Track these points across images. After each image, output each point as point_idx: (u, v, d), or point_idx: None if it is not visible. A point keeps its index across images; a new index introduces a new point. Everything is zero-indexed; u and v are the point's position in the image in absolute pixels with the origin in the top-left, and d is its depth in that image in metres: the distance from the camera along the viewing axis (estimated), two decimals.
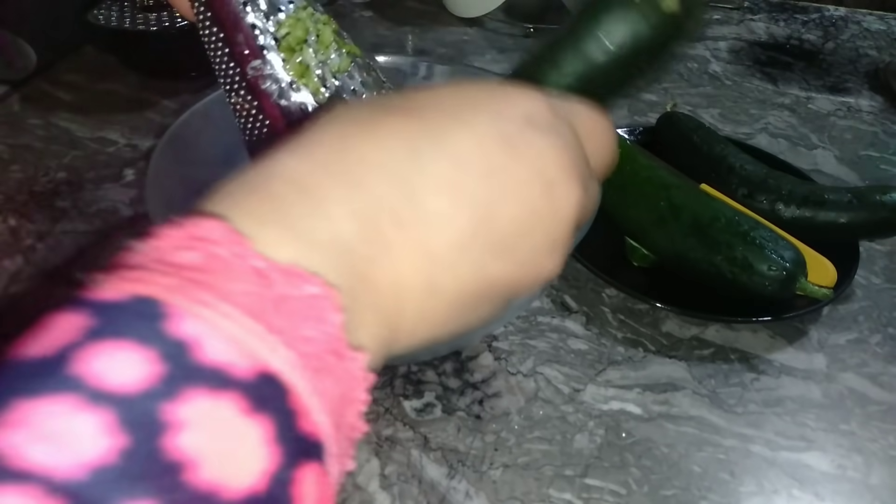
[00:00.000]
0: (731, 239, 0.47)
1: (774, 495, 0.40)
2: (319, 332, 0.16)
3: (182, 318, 0.14)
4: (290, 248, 0.16)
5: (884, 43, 0.87)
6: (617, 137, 0.25)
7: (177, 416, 0.13)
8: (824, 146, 0.68)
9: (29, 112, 0.67)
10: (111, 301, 0.14)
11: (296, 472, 0.14)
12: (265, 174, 0.18)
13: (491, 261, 0.20)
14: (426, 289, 0.19)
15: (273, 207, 0.17)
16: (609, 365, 0.46)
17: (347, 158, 0.18)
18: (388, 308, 0.18)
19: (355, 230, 0.17)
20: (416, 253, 0.19)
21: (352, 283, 0.17)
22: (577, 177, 0.21)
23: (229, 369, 0.14)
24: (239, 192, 0.17)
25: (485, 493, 0.39)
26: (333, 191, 0.18)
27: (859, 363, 0.47)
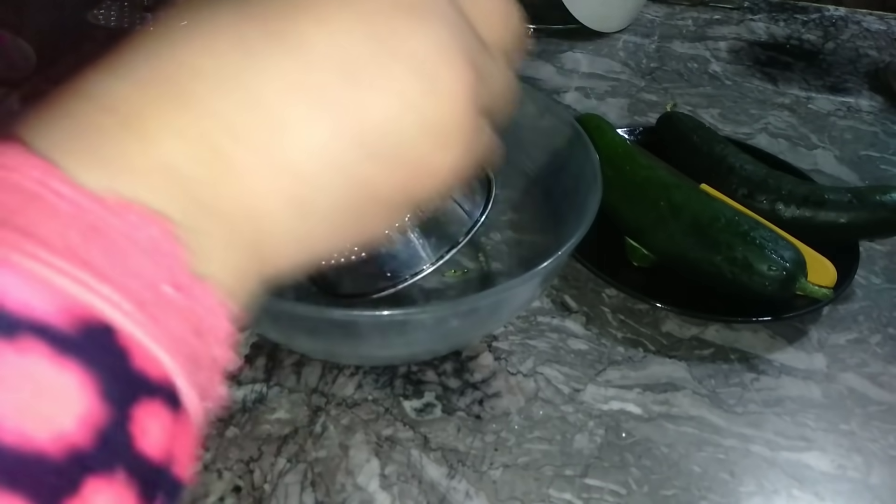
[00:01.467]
0: (731, 239, 0.47)
1: (774, 495, 0.40)
2: (150, 262, 0.14)
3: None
4: (105, 175, 0.14)
5: (884, 43, 0.87)
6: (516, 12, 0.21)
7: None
8: (824, 146, 0.68)
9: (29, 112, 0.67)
10: None
11: (130, 409, 0.13)
12: (71, 95, 0.15)
13: (366, 164, 0.17)
14: (290, 206, 0.17)
15: (81, 132, 0.15)
16: (609, 365, 0.46)
17: (167, 68, 0.16)
18: (246, 235, 0.16)
19: (185, 152, 0.15)
20: (270, 170, 0.16)
21: (190, 212, 0.15)
22: (460, 56, 0.18)
23: (27, 311, 0.12)
24: (45, 121, 0.15)
25: (485, 493, 0.39)
26: (154, 109, 0.15)
27: (859, 363, 0.47)
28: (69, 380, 0.13)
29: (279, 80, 0.16)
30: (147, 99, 0.15)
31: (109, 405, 0.13)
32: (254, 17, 0.17)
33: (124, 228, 0.14)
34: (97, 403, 0.13)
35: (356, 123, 0.17)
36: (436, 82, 0.18)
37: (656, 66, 0.80)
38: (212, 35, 0.16)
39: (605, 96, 0.74)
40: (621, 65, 0.80)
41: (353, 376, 0.44)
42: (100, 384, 0.13)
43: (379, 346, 0.39)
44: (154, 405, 0.14)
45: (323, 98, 0.16)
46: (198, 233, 0.15)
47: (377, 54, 0.17)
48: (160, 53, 0.16)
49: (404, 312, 0.36)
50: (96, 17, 0.65)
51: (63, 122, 0.15)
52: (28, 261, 0.13)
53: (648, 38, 0.85)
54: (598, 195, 0.41)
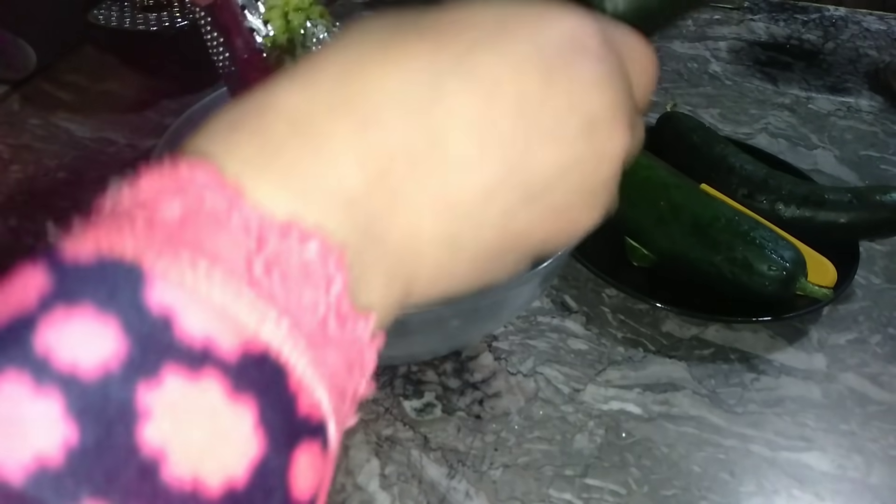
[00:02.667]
0: (731, 239, 0.47)
1: (774, 495, 0.40)
2: (321, 297, 0.14)
3: (155, 282, 0.12)
4: (287, 198, 0.14)
5: (884, 43, 0.87)
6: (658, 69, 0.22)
7: (143, 403, 0.11)
8: (824, 146, 0.68)
9: (29, 112, 0.67)
10: (74, 259, 0.12)
11: (291, 454, 0.13)
12: (258, 108, 0.15)
13: (521, 211, 0.17)
14: (446, 243, 0.17)
15: (266, 150, 0.14)
16: (609, 365, 0.46)
17: (356, 89, 0.15)
18: (402, 265, 0.16)
19: (363, 177, 0.15)
20: (436, 203, 0.16)
21: (358, 239, 0.15)
22: (623, 115, 0.18)
23: (210, 346, 0.12)
24: (228, 129, 0.15)
25: (485, 493, 0.39)
26: (338, 129, 0.15)
27: (859, 363, 0.47)
28: (244, 420, 0.12)
29: (461, 116, 0.16)
30: (333, 118, 0.15)
31: (277, 449, 0.12)
32: (448, 46, 0.16)
33: (303, 258, 0.13)
34: (267, 446, 0.12)
35: (524, 170, 0.17)
36: (601, 144, 0.18)
37: None
38: (405, 60, 0.16)
39: None
40: None
41: None
42: (271, 428, 0.12)
43: None
44: (312, 448, 0.13)
45: (498, 140, 0.16)
46: (363, 263, 0.15)
47: (555, 107, 0.17)
48: (351, 71, 0.16)
49: (404, 313, 0.36)
50: (96, 17, 0.65)
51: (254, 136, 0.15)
52: (216, 290, 0.12)
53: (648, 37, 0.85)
54: None
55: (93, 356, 0.11)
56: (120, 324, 0.11)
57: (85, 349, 0.11)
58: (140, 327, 0.12)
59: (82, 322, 0.11)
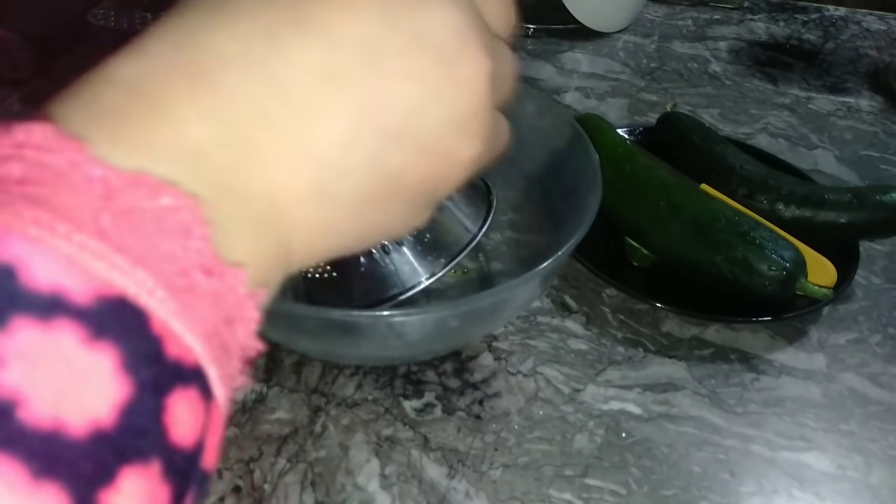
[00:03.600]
0: (731, 239, 0.47)
1: (774, 495, 0.40)
2: (180, 247, 0.14)
3: (5, 238, 0.12)
4: (134, 157, 0.14)
5: (884, 43, 0.87)
6: None
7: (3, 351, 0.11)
8: (824, 146, 0.68)
9: (29, 112, 0.67)
10: None
11: (164, 398, 0.13)
12: (98, 82, 0.15)
13: (388, 152, 0.17)
14: (315, 194, 0.17)
15: (110, 116, 0.14)
16: (609, 365, 0.46)
17: (191, 52, 0.16)
18: (270, 220, 0.16)
19: (211, 134, 0.15)
20: (294, 154, 0.16)
21: (216, 195, 0.15)
22: (475, 40, 0.18)
23: (59, 294, 0.12)
24: (69, 104, 0.15)
25: (485, 493, 0.39)
26: (176, 92, 0.15)
27: (859, 363, 0.47)
28: (103, 364, 0.12)
29: (304, 67, 0.16)
30: (174, 82, 0.15)
31: (144, 392, 0.13)
32: (277, 3, 0.16)
33: (156, 210, 0.14)
34: (131, 390, 0.12)
35: (380, 110, 0.17)
36: (457, 70, 0.18)
37: (656, 66, 0.80)
38: (237, 20, 0.16)
39: (605, 96, 0.74)
40: (621, 65, 0.80)
41: (353, 376, 0.44)
42: (134, 370, 0.12)
43: (379, 347, 0.39)
44: (187, 394, 0.13)
45: (347, 85, 0.16)
46: (225, 219, 0.15)
47: (400, 43, 0.17)
48: (186, 38, 0.16)
49: (404, 313, 0.36)
50: (96, 17, 0.65)
51: (91, 106, 0.15)
52: (62, 242, 0.12)
53: (648, 38, 0.85)
54: (598, 195, 0.41)
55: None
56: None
57: None
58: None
59: None
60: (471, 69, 0.18)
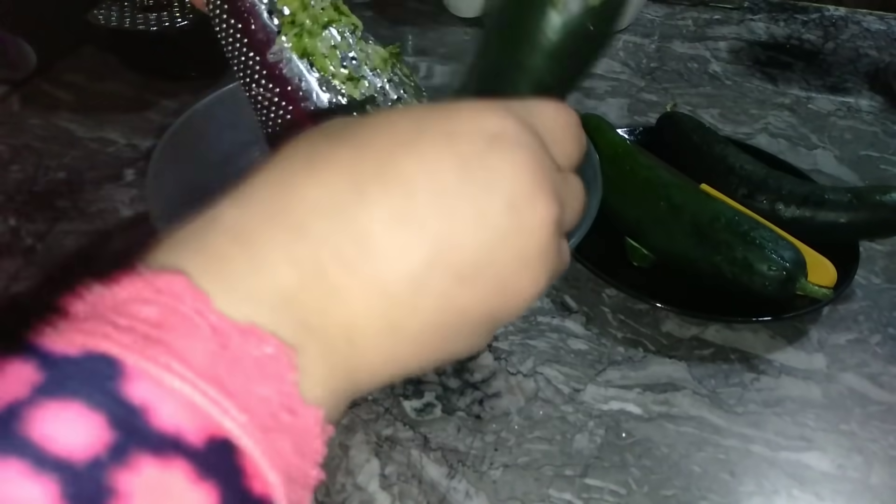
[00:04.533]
0: (731, 239, 0.47)
1: (774, 495, 0.40)
2: (274, 391, 0.15)
3: (136, 379, 0.14)
4: (243, 305, 0.16)
5: (884, 43, 0.87)
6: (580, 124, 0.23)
7: (124, 486, 0.13)
8: (824, 146, 0.68)
9: (29, 112, 0.67)
10: (63, 355, 0.14)
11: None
12: (203, 224, 0.17)
13: (456, 290, 0.18)
14: (384, 329, 0.18)
15: (218, 263, 0.16)
16: (609, 365, 0.46)
17: (287, 200, 0.17)
18: (343, 354, 0.18)
19: (298, 279, 0.17)
20: (368, 293, 0.17)
21: (302, 338, 0.16)
22: (545, 187, 0.19)
23: (181, 435, 0.14)
24: (187, 245, 0.17)
25: (485, 493, 0.39)
26: (271, 237, 0.17)
27: (859, 363, 0.47)
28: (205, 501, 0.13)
29: (382, 213, 0.17)
30: (270, 229, 0.17)
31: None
32: (368, 155, 0.18)
33: (259, 359, 0.15)
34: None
35: (450, 252, 0.18)
36: (525, 217, 0.19)
37: (656, 66, 0.80)
38: (329, 171, 0.18)
39: (605, 96, 0.74)
40: (621, 65, 0.80)
41: None
42: None
43: None
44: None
45: (420, 228, 0.18)
46: (306, 358, 0.16)
47: (472, 190, 0.18)
48: (281, 185, 0.18)
49: None
50: (96, 17, 0.65)
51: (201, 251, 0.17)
52: (186, 387, 0.14)
53: (648, 38, 0.85)
54: (598, 195, 0.41)
55: (82, 445, 0.13)
56: (104, 416, 0.13)
57: (75, 438, 0.13)
58: (121, 419, 0.13)
59: (72, 413, 0.13)
60: (539, 217, 0.19)
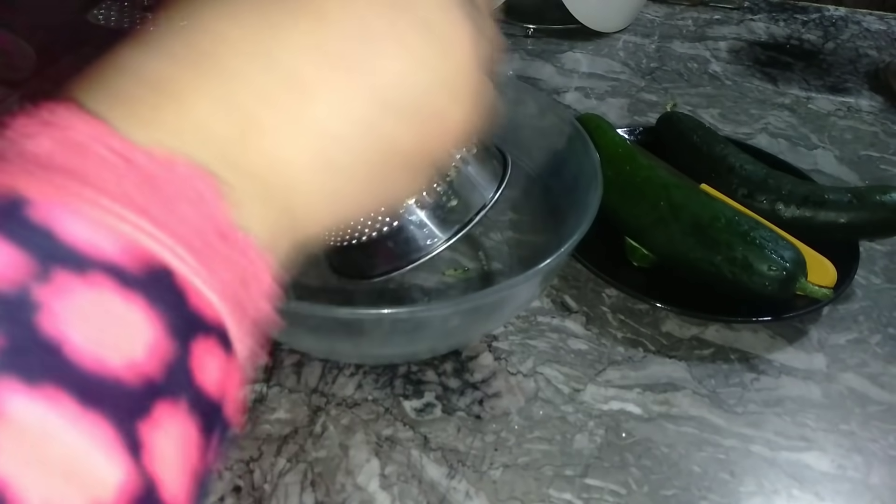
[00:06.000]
0: (731, 239, 0.47)
1: (774, 495, 0.40)
2: (197, 212, 0.15)
3: (38, 205, 0.13)
4: (148, 134, 0.15)
5: (884, 43, 0.87)
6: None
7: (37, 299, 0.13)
8: (824, 146, 0.68)
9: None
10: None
11: (189, 344, 0.14)
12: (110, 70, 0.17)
13: (386, 120, 0.18)
14: (317, 164, 0.18)
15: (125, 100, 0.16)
16: (609, 365, 0.46)
17: (193, 39, 0.17)
18: (278, 193, 0.17)
19: (217, 114, 0.16)
20: (296, 128, 0.17)
21: (223, 169, 0.16)
22: (461, 13, 0.20)
23: (96, 250, 0.13)
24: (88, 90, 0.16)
25: (485, 493, 0.39)
26: (185, 75, 0.16)
27: (859, 363, 0.47)
28: (137, 313, 0.14)
29: (300, 46, 0.17)
30: (180, 67, 0.16)
31: (172, 338, 0.14)
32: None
33: (172, 180, 0.15)
34: (162, 336, 0.14)
35: (374, 82, 0.18)
36: (443, 39, 0.19)
37: (656, 66, 0.80)
38: (237, 7, 0.17)
39: (605, 96, 0.74)
40: (621, 65, 0.80)
41: (353, 376, 0.44)
42: (163, 318, 0.14)
43: (381, 345, 0.39)
44: (210, 343, 0.15)
45: (342, 60, 0.17)
46: (236, 192, 0.16)
47: (389, 19, 0.18)
48: (188, 25, 0.17)
49: (408, 311, 0.36)
50: (96, 17, 0.65)
51: (105, 92, 0.16)
52: (92, 207, 0.14)
53: (648, 38, 0.85)
54: (598, 195, 0.41)
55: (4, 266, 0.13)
56: (11, 240, 0.13)
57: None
58: (28, 240, 0.13)
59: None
60: (454, 34, 0.19)
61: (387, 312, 0.34)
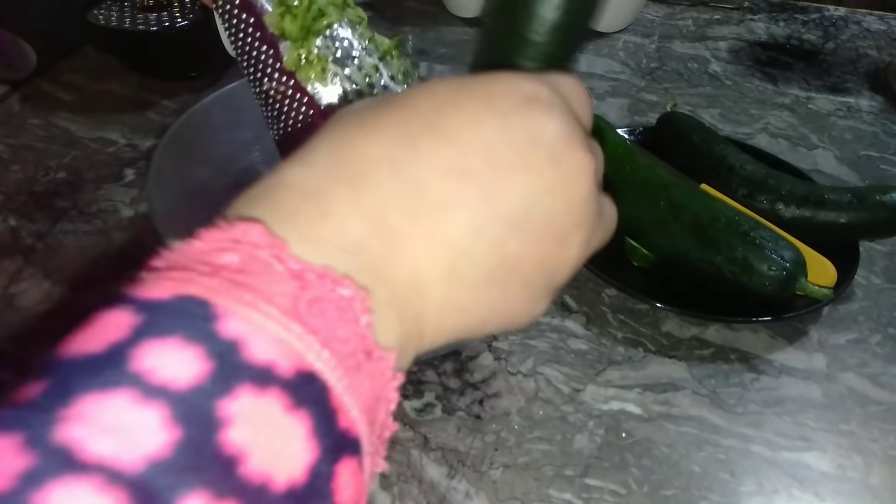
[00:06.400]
0: (731, 239, 0.47)
1: (774, 495, 0.40)
2: (351, 332, 0.16)
3: (227, 317, 0.15)
4: (317, 251, 0.17)
5: (884, 43, 0.87)
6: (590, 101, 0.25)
7: (226, 412, 0.14)
8: (824, 146, 0.68)
9: (29, 112, 0.67)
10: (157, 300, 0.15)
11: (335, 466, 0.15)
12: (270, 186, 0.18)
13: (508, 237, 0.20)
14: (446, 276, 0.19)
15: (290, 215, 0.17)
16: (609, 365, 0.46)
17: (345, 157, 0.19)
18: (410, 302, 0.18)
19: (365, 228, 0.18)
20: (431, 242, 0.19)
21: (370, 280, 0.17)
22: (579, 139, 0.21)
23: (273, 368, 0.14)
24: (257, 203, 0.18)
25: (485, 493, 0.39)
26: (337, 192, 0.18)
27: (859, 363, 0.47)
28: (300, 430, 0.14)
29: (435, 166, 0.19)
30: (334, 184, 0.18)
31: (325, 457, 0.15)
32: (415, 114, 0.20)
33: (337, 300, 0.16)
34: (318, 454, 0.15)
35: (500, 201, 0.19)
36: (565, 166, 0.20)
37: (656, 66, 0.80)
38: (384, 128, 0.19)
39: (605, 96, 0.74)
40: (621, 65, 0.80)
41: None
42: (320, 437, 0.15)
43: None
44: (351, 463, 0.15)
45: (472, 179, 0.19)
46: (378, 304, 0.17)
47: (516, 144, 0.20)
48: (339, 145, 0.19)
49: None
50: (96, 17, 0.65)
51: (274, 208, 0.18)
52: (272, 324, 0.15)
53: (648, 38, 0.85)
54: None
55: (185, 375, 0.14)
56: (203, 350, 0.14)
57: (178, 369, 0.14)
58: (218, 353, 0.14)
59: (173, 348, 0.14)
60: (578, 165, 0.21)
61: None
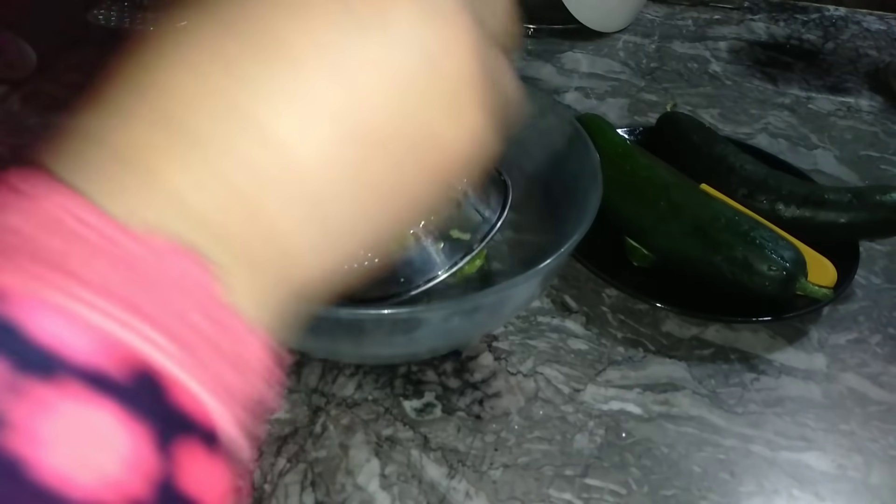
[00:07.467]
0: (731, 239, 0.47)
1: (774, 495, 0.40)
2: (184, 296, 0.14)
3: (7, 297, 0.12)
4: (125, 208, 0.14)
5: (884, 43, 0.87)
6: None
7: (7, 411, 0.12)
8: (824, 146, 0.68)
9: (29, 112, 0.67)
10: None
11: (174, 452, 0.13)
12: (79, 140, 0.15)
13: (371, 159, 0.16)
14: (307, 221, 0.16)
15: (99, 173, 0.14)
16: (609, 365, 0.46)
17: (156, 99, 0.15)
18: (266, 258, 0.16)
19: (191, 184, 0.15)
20: (276, 188, 0.15)
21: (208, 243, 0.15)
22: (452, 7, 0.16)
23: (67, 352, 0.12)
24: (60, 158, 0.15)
25: (485, 493, 0.39)
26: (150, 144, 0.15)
27: (859, 363, 0.47)
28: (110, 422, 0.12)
29: (265, 95, 0.15)
30: (141, 134, 0.15)
31: (154, 445, 0.13)
32: (231, 27, 0.15)
33: (154, 260, 0.13)
34: (142, 444, 0.12)
35: (354, 120, 0.15)
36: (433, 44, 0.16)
37: (656, 66, 0.80)
38: (193, 53, 0.15)
39: (605, 96, 0.74)
40: (621, 65, 0.80)
41: (353, 376, 0.44)
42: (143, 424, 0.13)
43: (381, 345, 0.39)
44: (193, 445, 0.13)
45: (312, 104, 0.15)
46: (219, 262, 0.15)
47: (360, 38, 0.15)
48: (145, 80, 0.15)
49: (409, 311, 0.36)
50: (96, 17, 0.65)
51: (73, 161, 0.14)
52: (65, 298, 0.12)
53: (648, 38, 0.85)
54: (598, 195, 0.41)
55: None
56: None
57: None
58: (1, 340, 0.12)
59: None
60: (447, 35, 0.16)
61: (387, 312, 0.34)
